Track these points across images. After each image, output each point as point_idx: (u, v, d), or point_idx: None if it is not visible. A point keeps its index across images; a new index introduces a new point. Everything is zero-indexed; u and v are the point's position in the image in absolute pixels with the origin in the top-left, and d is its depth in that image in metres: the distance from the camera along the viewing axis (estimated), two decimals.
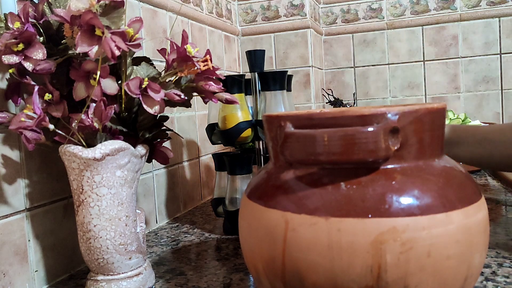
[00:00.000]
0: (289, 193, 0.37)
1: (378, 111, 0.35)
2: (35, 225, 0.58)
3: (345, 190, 0.35)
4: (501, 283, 0.51)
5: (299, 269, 0.36)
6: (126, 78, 0.51)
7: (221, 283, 0.57)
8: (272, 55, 1.36)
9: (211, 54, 0.54)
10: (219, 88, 0.55)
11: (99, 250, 0.51)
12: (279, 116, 0.39)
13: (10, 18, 0.48)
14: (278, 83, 0.75)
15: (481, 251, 0.37)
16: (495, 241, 0.64)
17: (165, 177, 0.90)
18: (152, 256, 0.69)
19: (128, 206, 0.52)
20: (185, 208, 0.97)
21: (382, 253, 0.33)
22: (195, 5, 1.06)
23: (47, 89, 0.50)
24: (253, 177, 0.46)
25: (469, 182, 0.38)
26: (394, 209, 0.33)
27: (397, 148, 0.35)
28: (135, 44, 0.47)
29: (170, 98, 0.52)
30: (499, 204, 0.85)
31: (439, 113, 0.38)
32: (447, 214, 0.34)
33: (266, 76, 0.75)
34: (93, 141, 0.49)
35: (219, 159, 0.82)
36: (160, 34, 0.89)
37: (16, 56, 0.47)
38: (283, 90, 0.76)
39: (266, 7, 1.36)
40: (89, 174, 0.49)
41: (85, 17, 0.43)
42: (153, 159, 0.59)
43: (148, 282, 0.56)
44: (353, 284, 0.34)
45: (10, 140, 0.55)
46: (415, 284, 0.34)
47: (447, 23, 1.41)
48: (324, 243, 0.34)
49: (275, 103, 0.75)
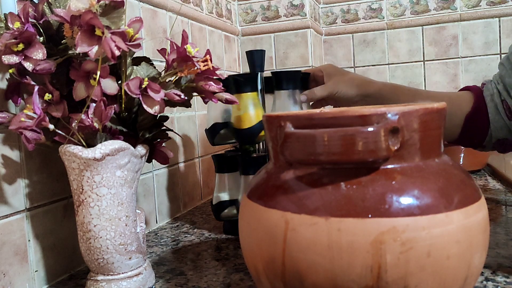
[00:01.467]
0: (289, 193, 0.37)
1: (378, 111, 0.35)
2: (35, 225, 0.58)
3: (345, 190, 0.35)
4: (501, 283, 0.51)
5: (299, 269, 0.36)
6: (126, 78, 0.51)
7: (221, 283, 0.57)
8: (272, 55, 1.36)
9: (211, 54, 0.54)
10: (219, 88, 0.55)
11: (99, 250, 0.51)
12: (279, 116, 0.39)
13: (10, 18, 0.48)
14: (292, 82, 0.76)
15: (481, 251, 0.37)
16: (495, 241, 0.64)
17: (165, 177, 0.90)
18: (152, 256, 0.69)
19: (128, 206, 0.52)
20: (185, 208, 0.97)
21: (382, 253, 0.33)
22: (195, 5, 1.06)
23: (47, 89, 0.50)
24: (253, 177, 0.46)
25: (469, 182, 0.38)
26: (394, 209, 0.33)
27: (397, 148, 0.35)
28: (135, 44, 0.47)
29: (170, 98, 0.52)
30: (499, 204, 0.85)
31: (439, 113, 0.38)
32: (447, 214, 0.34)
33: (280, 76, 0.76)
34: (93, 141, 0.49)
35: (219, 160, 0.81)
36: (160, 34, 0.89)
37: (16, 56, 0.47)
38: (296, 89, 0.77)
39: (266, 7, 1.36)
40: (89, 174, 0.49)
41: (85, 17, 0.43)
42: (153, 159, 0.59)
43: (148, 282, 0.56)
44: (353, 284, 0.34)
45: (10, 140, 0.55)
46: (415, 284, 0.34)
47: (447, 23, 1.41)
48: (324, 243, 0.34)
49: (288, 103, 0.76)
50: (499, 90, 0.74)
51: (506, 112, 0.73)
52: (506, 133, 0.75)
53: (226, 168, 0.79)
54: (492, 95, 0.75)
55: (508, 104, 0.73)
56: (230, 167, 0.79)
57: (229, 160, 0.79)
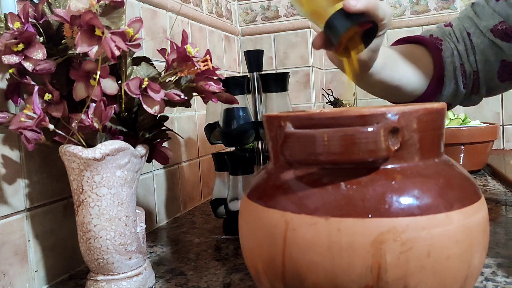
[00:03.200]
0: (289, 193, 0.37)
1: (378, 111, 0.35)
2: (35, 225, 0.58)
3: (345, 190, 0.35)
4: (501, 283, 0.51)
5: (299, 269, 0.36)
6: (126, 78, 0.51)
7: (221, 283, 0.57)
8: (272, 55, 1.36)
9: (211, 54, 0.54)
10: (219, 88, 0.55)
11: (99, 250, 0.51)
12: (279, 116, 0.39)
13: (10, 18, 0.48)
14: (280, 84, 0.75)
15: (481, 251, 0.37)
16: (495, 241, 0.64)
17: (165, 177, 0.90)
18: (152, 256, 0.69)
19: (128, 206, 0.52)
20: (185, 208, 0.97)
21: (382, 253, 0.33)
22: (195, 5, 1.06)
23: (47, 89, 0.50)
24: (253, 177, 0.46)
25: (469, 182, 0.38)
26: (394, 209, 0.33)
27: (397, 148, 0.35)
28: (135, 44, 0.47)
29: (170, 98, 0.52)
30: (499, 204, 0.85)
31: (439, 113, 0.38)
32: (447, 214, 0.34)
33: (267, 78, 0.75)
34: (93, 141, 0.49)
35: (219, 159, 0.82)
36: (160, 34, 0.89)
37: (16, 56, 0.47)
38: (284, 91, 0.76)
39: (266, 7, 1.36)
40: (89, 174, 0.49)
41: (85, 17, 0.43)
42: (153, 159, 0.59)
43: (148, 282, 0.56)
44: (353, 284, 0.34)
45: (10, 140, 0.55)
46: (415, 284, 0.34)
47: None
48: (324, 243, 0.34)
49: (276, 104, 0.75)
50: (460, 52, 0.69)
51: (462, 78, 0.69)
52: (452, 99, 0.71)
53: (225, 167, 0.80)
54: (453, 57, 0.69)
55: (465, 69, 0.69)
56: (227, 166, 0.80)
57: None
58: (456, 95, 0.71)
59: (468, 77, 0.70)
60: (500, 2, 0.67)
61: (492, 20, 0.68)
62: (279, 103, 0.75)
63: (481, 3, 0.70)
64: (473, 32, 0.69)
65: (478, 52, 0.69)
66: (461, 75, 0.69)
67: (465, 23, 0.71)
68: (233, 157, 0.77)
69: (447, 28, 0.73)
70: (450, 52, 0.70)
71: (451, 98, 0.72)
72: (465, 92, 0.71)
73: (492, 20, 0.68)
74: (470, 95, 0.73)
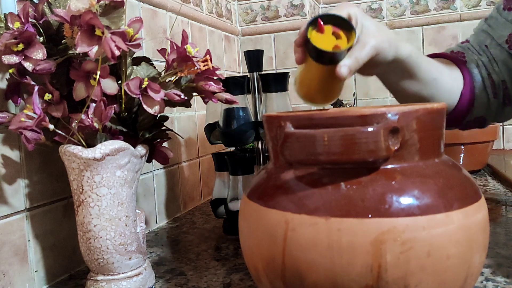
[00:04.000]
0: (289, 193, 0.37)
1: (378, 111, 0.35)
2: (35, 225, 0.58)
3: (345, 190, 0.35)
4: (501, 283, 0.51)
5: (299, 269, 0.36)
6: (126, 78, 0.51)
7: (221, 283, 0.57)
8: (272, 55, 1.36)
9: (211, 54, 0.54)
10: (219, 88, 0.55)
11: (99, 250, 0.51)
12: (279, 116, 0.39)
13: (10, 18, 0.48)
14: (280, 84, 0.75)
15: (481, 251, 0.37)
16: (495, 241, 0.64)
17: (165, 177, 0.90)
18: (152, 256, 0.69)
19: (128, 206, 0.52)
20: (185, 208, 0.97)
21: (382, 252, 0.33)
22: (195, 5, 1.06)
23: (47, 89, 0.50)
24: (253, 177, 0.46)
25: (469, 182, 0.38)
26: (394, 209, 0.33)
27: (397, 148, 0.35)
28: (135, 44, 0.47)
29: (170, 98, 0.52)
30: (499, 204, 0.85)
31: (439, 113, 0.38)
32: (447, 214, 0.34)
33: (267, 78, 0.75)
34: (93, 141, 0.49)
35: (219, 159, 0.82)
36: (160, 34, 0.89)
37: (16, 56, 0.47)
38: (284, 91, 0.76)
39: (266, 7, 1.36)
40: (89, 174, 0.49)
41: (85, 17, 0.43)
42: (153, 159, 0.59)
43: (148, 282, 0.56)
44: (353, 283, 0.34)
45: (10, 140, 0.55)
46: (415, 284, 0.34)
47: (447, 23, 1.41)
48: (324, 243, 0.34)
49: (276, 104, 0.75)
50: (484, 63, 0.68)
51: (492, 88, 0.68)
52: (485, 111, 0.70)
53: (225, 167, 0.80)
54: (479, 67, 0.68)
55: (493, 79, 0.68)
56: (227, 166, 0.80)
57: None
58: (488, 107, 0.70)
59: (497, 87, 0.69)
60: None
61: (506, 30, 0.68)
62: (279, 103, 0.75)
63: (494, 15, 0.70)
64: (490, 44, 0.69)
65: (499, 63, 0.69)
66: (490, 85, 0.69)
67: (480, 36, 0.71)
68: (233, 157, 0.77)
69: (465, 44, 0.73)
70: (475, 63, 0.69)
71: (484, 110, 0.70)
72: (497, 104, 0.70)
73: (506, 30, 0.68)
74: (503, 107, 0.71)
